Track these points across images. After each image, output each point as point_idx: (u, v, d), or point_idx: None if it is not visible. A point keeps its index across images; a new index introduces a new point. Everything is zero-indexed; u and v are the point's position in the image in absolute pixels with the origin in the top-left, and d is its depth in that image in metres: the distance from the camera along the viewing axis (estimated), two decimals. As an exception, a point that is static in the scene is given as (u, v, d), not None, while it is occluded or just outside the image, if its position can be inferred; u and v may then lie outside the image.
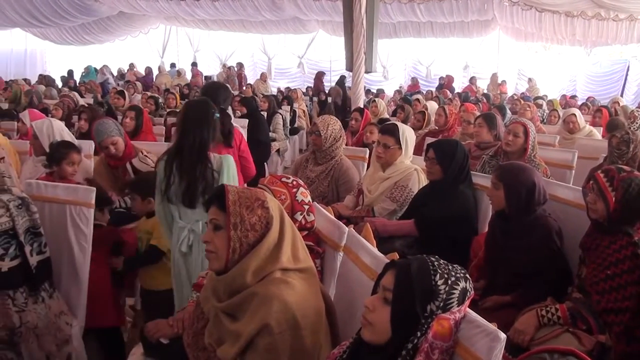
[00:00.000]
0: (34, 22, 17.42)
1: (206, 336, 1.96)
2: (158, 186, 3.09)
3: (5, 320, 2.71)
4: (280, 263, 1.89)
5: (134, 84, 12.50)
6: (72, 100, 8.27)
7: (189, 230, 3.06)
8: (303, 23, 18.54)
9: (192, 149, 3.00)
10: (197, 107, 3.17)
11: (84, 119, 5.37)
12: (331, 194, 4.14)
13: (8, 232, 2.73)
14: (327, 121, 4.23)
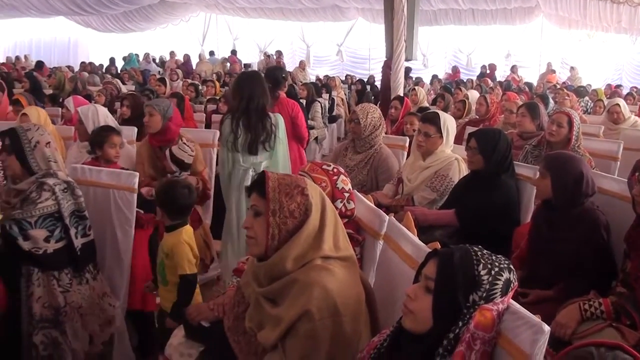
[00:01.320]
0: (78, 10, 17.76)
1: (247, 320, 1.97)
2: (225, 139, 3.89)
3: (51, 300, 2.78)
4: (321, 250, 1.89)
5: (175, 71, 12.64)
6: (115, 87, 8.42)
7: (251, 170, 3.86)
8: (342, 11, 18.47)
9: (256, 110, 3.85)
10: (258, 79, 4.00)
11: (126, 106, 5.45)
12: (370, 182, 4.12)
13: (54, 214, 2.81)
14: (366, 109, 4.21)
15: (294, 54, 21.25)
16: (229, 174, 3.97)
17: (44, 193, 2.78)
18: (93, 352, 2.90)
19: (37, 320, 2.76)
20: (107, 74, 14.35)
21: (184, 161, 4.03)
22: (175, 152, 4.00)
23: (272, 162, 3.97)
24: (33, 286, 2.76)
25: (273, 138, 3.92)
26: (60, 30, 22.40)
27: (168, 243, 2.80)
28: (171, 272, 2.80)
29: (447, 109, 7.41)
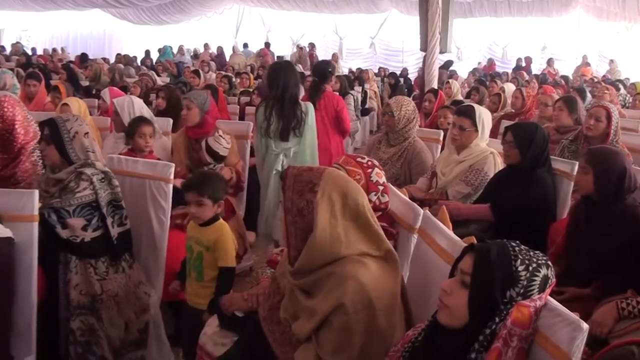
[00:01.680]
0: (113, 3, 18.02)
1: (281, 311, 1.99)
2: (259, 125, 4.10)
3: (88, 287, 2.83)
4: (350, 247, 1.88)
5: (209, 64, 12.72)
6: (150, 78, 8.50)
7: (282, 155, 4.07)
8: (376, 2, 18.39)
9: (290, 99, 4.06)
10: (292, 69, 4.30)
11: (162, 97, 5.51)
12: (404, 176, 4.10)
13: (91, 204, 2.85)
14: (400, 102, 4.19)
15: (327, 47, 21.20)
16: (263, 159, 4.20)
17: (82, 183, 2.83)
18: (128, 339, 2.93)
19: (74, 306, 2.81)
20: (143, 66, 14.51)
21: (219, 153, 4.07)
22: (211, 144, 4.04)
23: (301, 148, 4.15)
24: (71, 273, 2.81)
25: (302, 125, 4.10)
26: (96, 23, 22.76)
27: (210, 236, 2.83)
28: (211, 266, 2.81)
29: (482, 102, 7.33)
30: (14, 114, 3.26)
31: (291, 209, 1.91)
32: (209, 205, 2.83)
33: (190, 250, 2.88)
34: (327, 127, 4.96)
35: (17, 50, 17.88)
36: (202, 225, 2.86)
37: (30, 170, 3.29)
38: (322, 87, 5.11)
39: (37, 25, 23.73)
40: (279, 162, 4.10)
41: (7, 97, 3.36)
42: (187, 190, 2.82)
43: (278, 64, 4.82)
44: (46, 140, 2.92)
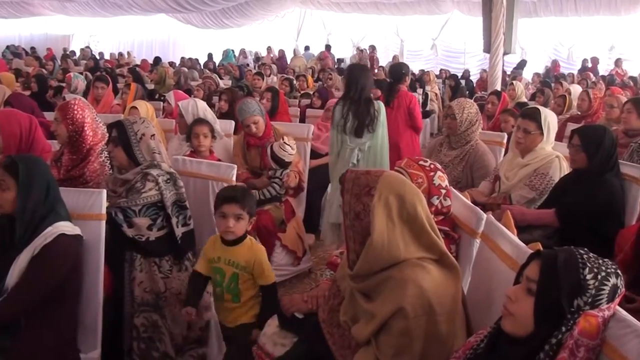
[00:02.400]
0: (178, 8, 18.47)
1: (341, 313, 1.99)
2: (336, 123, 4.39)
3: (152, 285, 2.90)
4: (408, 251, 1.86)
5: (270, 66, 12.86)
6: (214, 81, 8.67)
7: (357, 150, 4.34)
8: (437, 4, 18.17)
9: (365, 99, 4.35)
10: (368, 72, 4.65)
11: (224, 100, 5.61)
12: (465, 179, 4.04)
13: (157, 204, 2.93)
14: (462, 104, 4.13)
15: (387, 49, 21.10)
16: (337, 153, 4.46)
17: (148, 183, 2.90)
18: (190, 336, 2.99)
19: (138, 303, 2.89)
20: (205, 69, 14.79)
21: (284, 160, 4.11)
22: (276, 151, 4.07)
23: (373, 143, 4.41)
24: (135, 271, 2.89)
25: (375, 122, 4.35)
26: (161, 28, 23.38)
27: (245, 255, 2.73)
28: (249, 286, 2.76)
29: (547, 104, 7.13)
30: (83, 116, 3.37)
31: (349, 212, 1.90)
32: (246, 220, 2.73)
33: (221, 273, 2.76)
34: (399, 125, 5.38)
35: (85, 54, 18.56)
36: (231, 244, 2.75)
37: (98, 170, 3.39)
38: (397, 87, 5.57)
39: (105, 30, 24.56)
40: (354, 157, 4.38)
41: (77, 100, 3.49)
42: (227, 202, 2.69)
43: (356, 66, 5.12)
44: (114, 142, 3.01)
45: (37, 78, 8.13)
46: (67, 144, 3.38)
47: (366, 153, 4.40)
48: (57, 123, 3.37)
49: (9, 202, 2.37)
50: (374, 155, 4.42)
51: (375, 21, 20.96)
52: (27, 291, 2.30)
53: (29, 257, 2.33)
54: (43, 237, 2.35)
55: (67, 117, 3.33)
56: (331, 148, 4.57)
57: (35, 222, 2.38)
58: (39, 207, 2.39)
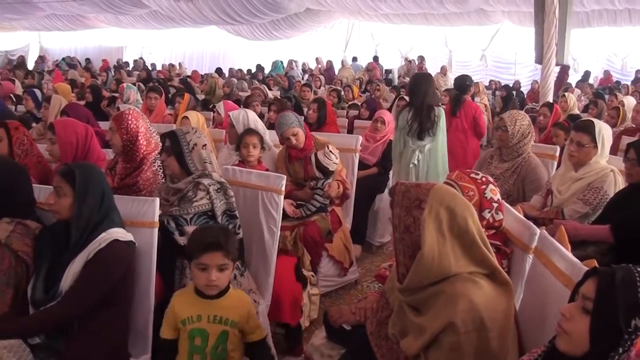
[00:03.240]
0: (229, 20, 18.77)
1: (390, 326, 1.97)
2: (401, 126, 4.89)
3: (202, 293, 2.93)
4: (459, 265, 1.84)
5: (318, 77, 12.92)
6: (262, 92, 8.76)
7: (418, 151, 4.80)
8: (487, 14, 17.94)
9: (428, 106, 4.78)
10: (431, 80, 5.11)
11: (274, 110, 5.67)
12: (516, 192, 3.96)
13: (207, 213, 2.97)
14: (514, 116, 4.06)
15: (436, 59, 20.93)
16: (400, 153, 4.95)
17: (200, 192, 2.95)
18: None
19: (188, 310, 2.92)
20: (254, 80, 14.97)
21: (329, 169, 4.11)
22: (321, 159, 4.08)
23: (433, 145, 4.86)
24: (186, 279, 2.92)
25: (435, 127, 4.79)
26: (211, 40, 23.82)
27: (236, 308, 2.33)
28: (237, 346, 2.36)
29: (600, 116, 6.96)
30: (137, 125, 3.44)
31: (399, 225, 1.89)
32: (231, 269, 2.32)
33: (203, 335, 2.29)
34: (466, 131, 5.90)
35: (138, 65, 19.02)
36: (215, 296, 2.31)
37: (151, 179, 3.45)
38: (462, 98, 6.12)
39: (157, 42, 25.17)
40: (415, 157, 4.85)
41: (131, 110, 3.57)
42: (208, 250, 2.24)
43: (419, 76, 5.50)
44: (167, 152, 3.08)
45: (91, 88, 8.38)
46: (122, 153, 3.46)
47: (426, 155, 4.85)
48: (112, 132, 3.45)
49: (66, 208, 2.43)
50: (434, 157, 4.87)
51: (424, 32, 20.84)
52: (80, 295, 2.35)
53: (83, 261, 2.38)
54: (97, 242, 2.40)
55: (122, 127, 3.41)
56: (394, 149, 5.06)
57: (90, 228, 2.43)
58: (94, 213, 2.44)
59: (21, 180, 2.69)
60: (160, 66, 20.32)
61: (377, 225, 5.36)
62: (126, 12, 19.72)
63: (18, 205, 2.61)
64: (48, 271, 2.43)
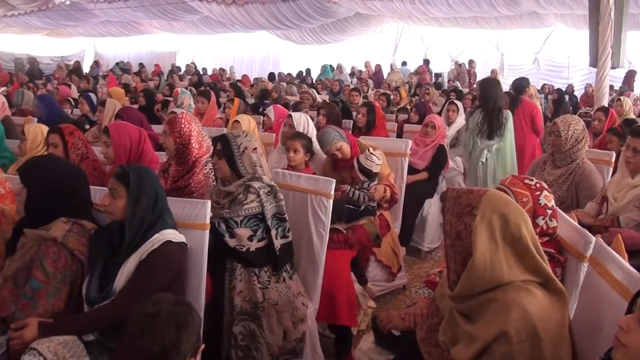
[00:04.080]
0: (279, 25, 18.94)
1: (440, 333, 1.95)
2: (471, 127, 5.36)
3: (251, 294, 2.96)
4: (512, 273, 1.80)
5: (366, 81, 12.90)
6: (311, 96, 8.80)
7: (486, 150, 5.29)
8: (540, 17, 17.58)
9: (498, 110, 5.28)
10: (499, 85, 5.57)
11: (322, 114, 5.67)
12: (570, 199, 3.87)
13: (257, 216, 2.99)
14: (568, 121, 3.96)
15: (487, 63, 20.61)
16: (470, 153, 5.48)
17: (250, 195, 2.98)
18: (286, 347, 3.01)
19: (237, 312, 2.95)
20: (303, 84, 15.05)
21: (372, 171, 4.09)
22: (363, 162, 4.06)
23: (502, 145, 5.32)
24: (235, 280, 2.96)
25: (503, 128, 5.25)
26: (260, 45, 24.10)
27: None
28: None
29: (659, 121, 6.73)
30: (190, 129, 3.51)
31: (450, 232, 1.87)
32: None
33: None
34: (523, 130, 6.10)
35: (190, 70, 19.36)
36: None
37: (203, 182, 3.51)
38: (519, 98, 6.41)
39: (208, 47, 25.58)
40: (483, 156, 5.32)
41: (184, 114, 3.64)
42: None
43: (488, 80, 6.05)
44: (218, 155, 3.12)
45: (144, 92, 8.56)
46: (174, 156, 3.53)
47: (494, 154, 5.31)
48: (165, 136, 3.52)
49: (120, 209, 2.49)
50: (502, 156, 5.33)
51: (475, 35, 20.58)
52: (134, 295, 2.38)
53: (136, 261, 2.44)
54: (150, 243, 2.45)
55: (175, 130, 3.47)
56: (464, 149, 5.69)
57: (143, 229, 2.49)
58: (147, 214, 2.50)
59: (79, 182, 2.76)
60: (211, 70, 20.64)
61: (426, 231, 5.31)
62: (179, 18, 20.12)
63: (75, 205, 2.69)
64: (102, 270, 2.50)
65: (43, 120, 6.12)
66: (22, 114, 7.17)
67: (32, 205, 2.65)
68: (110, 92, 8.97)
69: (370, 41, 22.06)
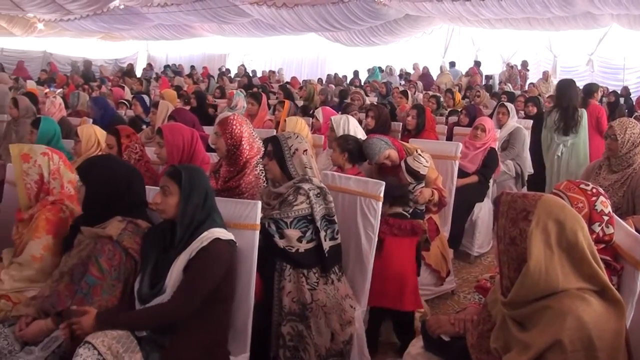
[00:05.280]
0: (328, 27, 18.96)
1: (492, 340, 1.92)
2: (549, 125, 5.89)
3: (299, 295, 2.99)
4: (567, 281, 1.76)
5: (415, 83, 12.79)
6: (362, 97, 8.80)
7: (562, 145, 5.80)
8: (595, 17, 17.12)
9: (573, 108, 5.78)
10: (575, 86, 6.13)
11: (371, 117, 5.64)
12: (626, 205, 3.75)
13: (307, 217, 3.02)
14: (625, 124, 3.85)
15: (539, 65, 20.18)
16: (548, 147, 5.97)
17: (300, 197, 3.01)
18: (333, 349, 3.01)
19: (286, 312, 2.98)
20: (351, 85, 15.03)
21: (420, 172, 4.05)
22: (410, 163, 4.03)
23: (576, 141, 5.80)
24: (284, 281, 2.99)
25: (578, 125, 5.75)
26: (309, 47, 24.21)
27: None
28: None
29: None
30: (241, 131, 3.55)
31: (504, 237, 1.84)
32: None
33: None
34: (589, 131, 6.17)
35: (240, 72, 19.59)
36: None
37: (253, 182, 3.54)
38: (588, 101, 6.72)
39: (257, 49, 25.83)
40: (559, 150, 5.82)
41: (236, 115, 3.69)
42: None
43: (566, 82, 6.28)
44: (269, 156, 3.16)
45: (196, 94, 8.71)
46: (226, 157, 3.58)
47: (569, 148, 5.81)
48: (217, 137, 3.57)
49: (172, 206, 2.54)
50: (576, 151, 5.79)
51: (527, 36, 20.18)
52: (188, 294, 2.43)
53: (186, 259, 2.48)
54: (199, 241, 2.49)
55: (227, 132, 3.52)
56: (543, 144, 6.08)
57: (193, 226, 2.53)
58: (197, 212, 2.54)
59: (135, 182, 2.83)
60: (260, 73, 20.83)
61: (476, 235, 5.24)
62: (229, 21, 20.36)
63: (131, 205, 2.76)
64: (154, 268, 2.55)
65: (97, 121, 6.29)
66: (78, 115, 7.37)
67: (90, 204, 2.73)
68: (162, 94, 9.16)
69: (420, 43, 21.87)
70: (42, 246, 2.86)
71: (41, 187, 3.01)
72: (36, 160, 3.02)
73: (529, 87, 14.08)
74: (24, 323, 2.57)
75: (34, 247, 2.86)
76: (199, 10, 18.55)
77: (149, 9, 19.19)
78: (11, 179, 3.53)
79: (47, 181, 3.02)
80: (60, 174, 3.07)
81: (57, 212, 2.96)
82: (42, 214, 2.92)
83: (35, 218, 2.92)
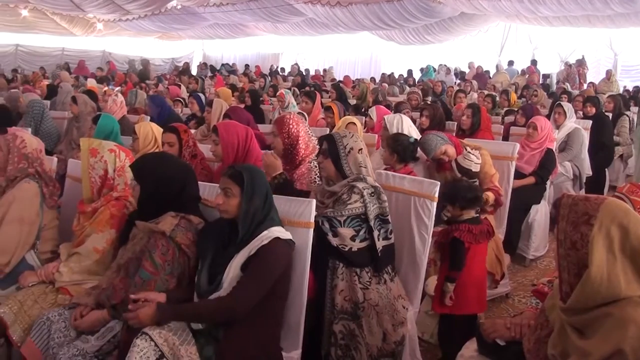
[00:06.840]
0: (382, 26, 18.87)
1: (549, 346, 1.88)
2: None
3: (352, 294, 2.98)
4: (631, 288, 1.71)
5: (471, 82, 12.61)
6: (419, 96, 8.74)
7: None
8: (658, 15, 16.53)
9: None
10: None
11: (425, 116, 5.61)
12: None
13: (360, 216, 3.01)
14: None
15: (599, 63, 19.61)
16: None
17: (354, 195, 3.00)
18: (385, 349, 3.01)
19: (338, 310, 2.98)
20: (405, 85, 14.93)
21: (472, 170, 4.00)
22: (461, 162, 3.99)
23: None
24: (337, 279, 2.99)
25: None
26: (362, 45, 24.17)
27: None
28: None
29: None
30: (297, 130, 3.59)
31: (564, 241, 1.80)
32: None
33: None
34: None
35: (293, 71, 19.71)
36: None
37: (305, 174, 3.59)
38: None
39: (311, 48, 25.94)
40: None
41: (292, 115, 3.73)
42: None
43: None
44: (324, 154, 3.17)
45: (250, 93, 8.81)
46: (282, 156, 3.61)
47: None
48: (273, 136, 3.61)
49: (234, 207, 2.59)
50: None
51: (586, 34, 19.62)
52: (247, 291, 2.46)
53: (245, 256, 2.52)
54: (259, 239, 2.53)
55: (284, 131, 3.56)
56: (634, 137, 6.70)
57: (254, 225, 2.57)
58: (258, 212, 2.59)
59: (188, 178, 2.89)
60: (314, 71, 20.91)
61: (532, 238, 5.13)
62: (283, 20, 20.50)
63: (184, 201, 2.82)
64: (211, 264, 2.60)
65: (154, 119, 6.43)
66: (135, 113, 7.56)
67: (144, 200, 2.81)
68: (218, 92, 9.29)
69: (475, 41, 21.53)
70: (105, 240, 2.96)
71: (105, 182, 3.10)
72: (103, 155, 3.10)
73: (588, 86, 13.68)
74: (79, 314, 2.66)
75: (98, 240, 2.96)
76: (253, 9, 18.76)
77: (205, 8, 19.50)
78: (72, 174, 3.66)
79: (112, 177, 3.10)
80: (125, 171, 3.15)
81: (121, 208, 3.05)
82: (106, 209, 3.02)
83: (100, 212, 3.02)
